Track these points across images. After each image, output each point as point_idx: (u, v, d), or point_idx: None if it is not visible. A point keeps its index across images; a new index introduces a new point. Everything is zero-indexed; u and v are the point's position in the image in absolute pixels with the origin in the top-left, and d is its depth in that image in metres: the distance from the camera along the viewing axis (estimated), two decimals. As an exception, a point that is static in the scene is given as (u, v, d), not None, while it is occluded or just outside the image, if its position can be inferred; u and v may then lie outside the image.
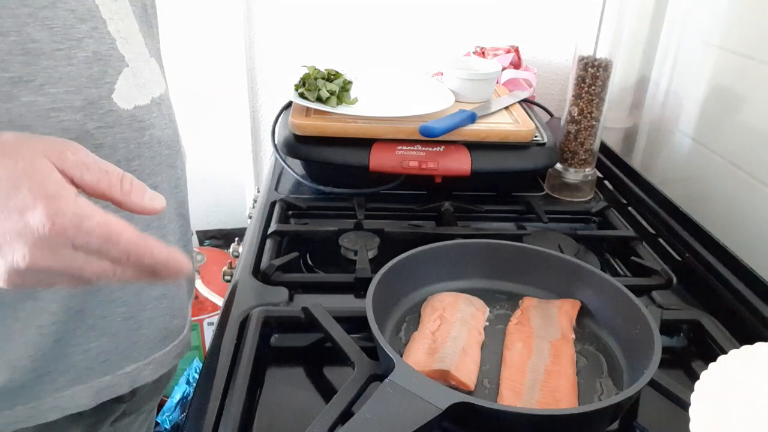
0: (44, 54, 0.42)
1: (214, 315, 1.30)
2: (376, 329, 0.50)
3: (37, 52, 0.41)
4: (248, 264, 0.71)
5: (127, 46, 0.48)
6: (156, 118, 0.51)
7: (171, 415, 1.24)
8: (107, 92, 0.46)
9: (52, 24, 0.42)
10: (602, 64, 0.87)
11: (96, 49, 0.45)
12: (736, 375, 0.41)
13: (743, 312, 0.66)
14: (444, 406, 0.43)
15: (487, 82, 0.99)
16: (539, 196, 0.95)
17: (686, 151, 0.95)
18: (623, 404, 0.47)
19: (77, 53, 0.43)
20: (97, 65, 0.45)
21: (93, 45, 0.45)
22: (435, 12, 1.23)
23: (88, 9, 0.44)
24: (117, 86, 0.47)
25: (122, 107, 0.47)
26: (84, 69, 0.44)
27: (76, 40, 0.43)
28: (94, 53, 0.45)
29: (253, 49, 1.26)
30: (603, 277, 0.61)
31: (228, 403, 0.50)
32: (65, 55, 0.43)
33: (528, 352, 0.56)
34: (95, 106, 0.45)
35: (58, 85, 0.42)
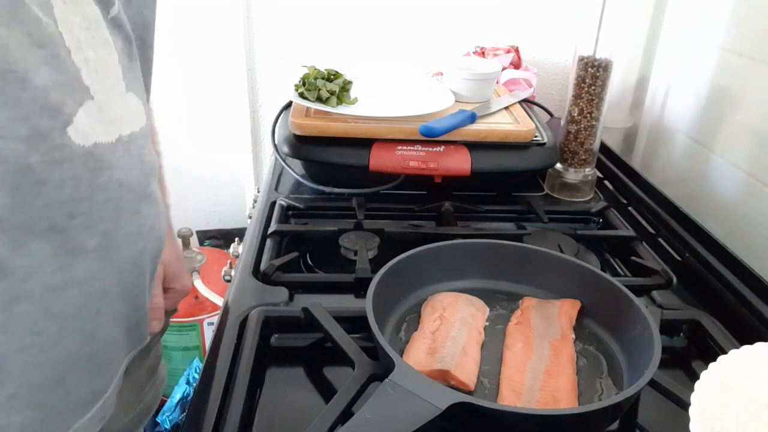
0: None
1: (213, 315, 1.30)
2: (376, 329, 0.50)
3: None
4: (248, 264, 0.71)
5: (95, 77, 0.44)
6: (120, 159, 0.46)
7: (171, 415, 1.24)
8: (61, 124, 0.41)
9: (7, 43, 0.38)
10: (602, 64, 0.87)
11: (55, 77, 0.40)
12: (736, 375, 0.41)
13: (743, 312, 0.66)
14: (444, 406, 0.43)
15: (487, 82, 0.99)
16: (539, 196, 0.95)
17: (686, 152, 0.95)
18: (623, 404, 0.47)
19: (33, 78, 0.39)
20: (55, 94, 0.40)
21: (50, 73, 0.40)
22: (435, 12, 1.23)
23: (49, 35, 0.40)
24: (76, 119, 0.42)
25: (77, 143, 0.42)
26: (39, 96, 0.40)
27: (32, 64, 0.39)
28: (53, 82, 0.40)
29: (253, 49, 1.26)
30: (603, 277, 0.61)
31: (228, 403, 0.50)
32: (19, 78, 0.38)
33: (528, 352, 0.56)
34: (43, 138, 0.40)
35: (3, 111, 0.38)
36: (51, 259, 0.42)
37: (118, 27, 0.47)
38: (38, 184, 0.40)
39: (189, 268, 1.33)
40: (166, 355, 1.33)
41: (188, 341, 1.32)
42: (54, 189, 0.41)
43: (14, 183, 0.39)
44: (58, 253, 0.42)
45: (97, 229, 0.45)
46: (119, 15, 0.47)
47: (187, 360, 1.32)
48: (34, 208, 0.40)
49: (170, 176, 1.50)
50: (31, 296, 0.42)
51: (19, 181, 0.39)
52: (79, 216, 0.43)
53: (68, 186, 0.42)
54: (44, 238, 0.41)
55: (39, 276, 0.42)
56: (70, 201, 0.42)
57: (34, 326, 0.43)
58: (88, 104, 0.43)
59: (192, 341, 1.32)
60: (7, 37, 0.38)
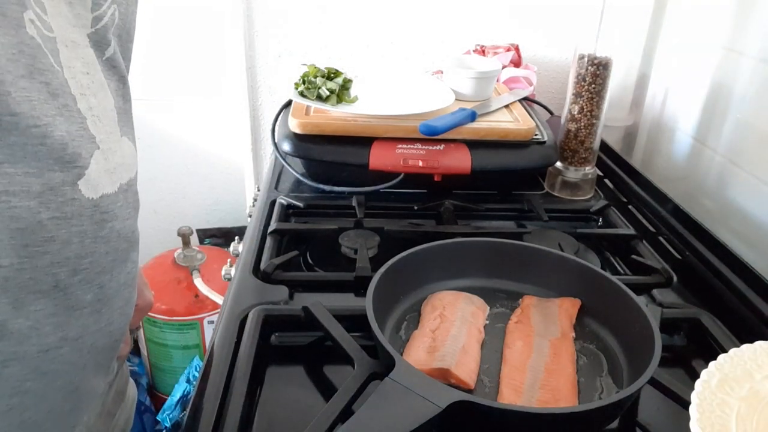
0: (17, 130, 0.36)
1: (214, 314, 1.30)
2: (376, 327, 0.50)
3: (9, 126, 0.36)
4: (248, 262, 0.71)
5: (98, 125, 0.42)
6: (120, 209, 0.45)
7: (171, 413, 1.24)
8: (73, 178, 0.40)
9: (31, 97, 0.36)
10: (602, 63, 0.87)
11: (68, 128, 0.39)
12: (736, 373, 0.41)
13: (743, 310, 0.66)
14: (444, 405, 0.43)
15: (488, 81, 0.99)
16: (539, 194, 0.95)
17: (687, 150, 0.95)
18: (623, 403, 0.47)
19: (53, 132, 0.38)
20: (71, 147, 0.39)
21: (65, 124, 0.39)
22: (435, 10, 1.23)
23: (60, 83, 0.39)
24: (88, 171, 0.41)
25: (87, 196, 0.41)
26: (57, 150, 0.38)
27: (51, 116, 0.38)
28: (68, 133, 0.39)
29: (253, 47, 1.26)
30: (603, 276, 0.61)
31: (228, 402, 0.50)
32: (41, 133, 0.37)
33: (528, 350, 0.56)
34: (55, 193, 0.39)
35: (18, 166, 0.36)
36: (50, 318, 0.41)
37: (113, 68, 0.45)
38: (47, 241, 0.39)
39: (189, 266, 1.33)
40: (167, 354, 1.33)
41: (188, 340, 1.32)
42: (61, 246, 0.40)
43: (24, 242, 0.37)
44: (58, 311, 0.41)
45: (95, 283, 0.43)
46: (114, 55, 0.45)
47: (188, 358, 1.32)
48: (40, 267, 0.39)
49: (171, 175, 1.51)
50: (25, 357, 0.40)
51: (29, 240, 0.38)
52: (81, 272, 0.42)
53: (75, 242, 0.41)
54: (46, 298, 0.40)
55: (36, 336, 0.40)
56: (75, 257, 0.41)
57: (22, 386, 0.41)
58: (96, 154, 0.42)
59: (192, 340, 1.32)
60: (29, 90, 0.36)
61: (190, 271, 1.32)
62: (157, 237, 1.42)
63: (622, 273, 0.78)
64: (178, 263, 1.34)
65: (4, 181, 0.36)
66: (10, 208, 0.37)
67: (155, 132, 1.37)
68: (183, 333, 1.31)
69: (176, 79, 1.33)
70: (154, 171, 1.38)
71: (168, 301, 1.28)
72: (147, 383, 1.41)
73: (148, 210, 0.57)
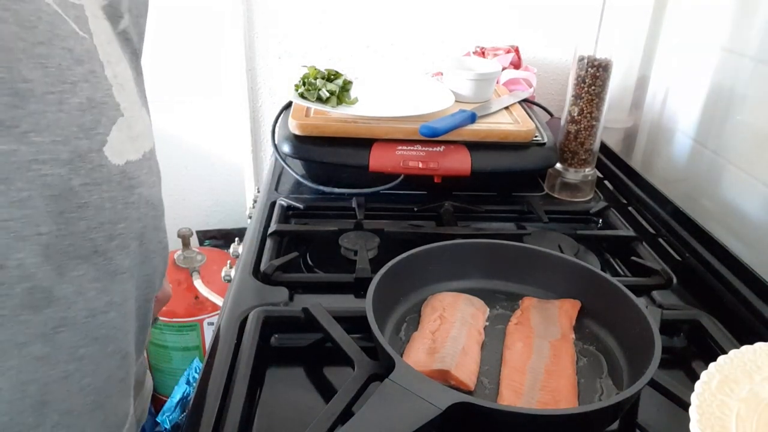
0: (34, 97, 0.37)
1: (213, 315, 1.30)
2: (376, 329, 0.50)
3: (26, 93, 0.36)
4: (248, 264, 0.71)
5: (123, 93, 0.44)
6: (146, 176, 0.46)
7: (171, 415, 1.24)
8: (98, 144, 0.41)
9: (48, 63, 0.37)
10: (602, 64, 0.87)
11: (91, 95, 0.40)
12: (736, 375, 0.41)
13: (743, 312, 0.66)
14: (444, 406, 0.43)
15: (487, 82, 0.99)
16: (539, 196, 0.95)
17: (686, 152, 0.95)
18: (623, 404, 0.47)
19: (70, 98, 0.38)
20: (91, 113, 0.40)
21: (88, 90, 0.40)
22: (435, 12, 1.23)
23: (87, 50, 0.40)
24: (110, 138, 0.41)
25: (113, 162, 0.42)
26: (76, 116, 0.39)
27: (70, 83, 0.38)
28: (89, 99, 0.40)
29: (253, 49, 1.26)
30: (603, 277, 0.61)
31: (228, 403, 0.50)
32: (57, 99, 0.38)
33: (528, 351, 0.56)
34: (84, 160, 0.40)
35: (44, 134, 0.37)
36: (94, 283, 0.42)
37: (126, 41, 0.46)
38: (81, 207, 0.40)
39: (189, 268, 1.33)
40: (167, 355, 1.33)
41: (188, 341, 1.32)
42: (95, 211, 0.41)
43: (59, 209, 0.38)
44: (100, 276, 0.42)
45: (131, 249, 0.45)
46: (127, 29, 0.46)
47: (187, 360, 1.32)
48: (78, 233, 0.40)
49: (171, 176, 1.51)
50: (74, 322, 0.41)
51: (64, 207, 0.38)
52: (117, 237, 0.43)
53: (107, 207, 0.42)
54: (87, 262, 0.41)
55: (83, 301, 0.41)
56: (109, 223, 0.42)
57: (76, 352, 0.42)
58: (120, 122, 0.42)
59: (192, 341, 1.32)
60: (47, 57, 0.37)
61: (189, 272, 1.32)
62: (157, 238, 1.41)
63: (622, 274, 0.78)
64: (178, 264, 1.34)
65: (33, 149, 0.37)
66: (41, 176, 0.37)
67: (155, 133, 1.36)
68: (183, 334, 1.31)
69: (176, 80, 1.33)
70: (154, 172, 1.38)
71: (168, 303, 1.28)
72: (147, 384, 1.41)
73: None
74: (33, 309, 0.39)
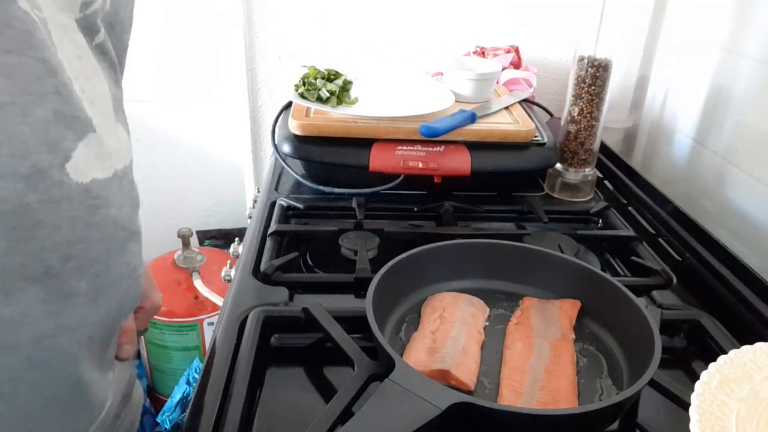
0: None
1: (213, 315, 1.30)
2: (376, 329, 0.50)
3: None
4: (248, 264, 0.71)
5: (93, 108, 0.41)
6: (115, 196, 0.44)
7: (171, 415, 1.23)
8: (61, 160, 0.38)
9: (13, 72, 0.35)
10: (602, 64, 0.87)
11: (58, 107, 0.38)
12: (736, 375, 0.41)
13: (743, 312, 0.66)
14: (444, 406, 0.43)
15: (487, 82, 0.99)
16: (539, 196, 0.95)
17: (686, 151, 0.95)
18: (623, 404, 0.47)
19: (34, 110, 0.36)
20: (56, 127, 0.38)
21: (56, 102, 0.38)
22: (435, 12, 1.23)
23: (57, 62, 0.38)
24: (75, 154, 0.39)
25: (75, 180, 0.39)
26: (39, 130, 0.37)
27: (37, 95, 0.36)
28: (55, 113, 0.37)
29: (253, 49, 1.26)
30: (603, 277, 0.61)
31: (228, 403, 0.50)
32: (20, 111, 0.35)
33: (528, 351, 0.56)
34: (43, 176, 0.37)
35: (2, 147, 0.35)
36: (41, 305, 0.39)
37: (103, 54, 0.44)
38: (35, 225, 0.38)
39: (189, 268, 1.33)
40: (167, 355, 1.33)
41: (188, 341, 1.32)
42: (51, 230, 0.39)
43: (11, 225, 0.36)
44: (50, 299, 0.40)
45: (89, 272, 0.42)
46: (104, 42, 0.44)
47: (187, 360, 1.31)
48: (30, 252, 0.38)
49: (170, 176, 1.51)
50: (17, 346, 0.39)
51: (16, 223, 0.37)
52: (73, 258, 0.40)
53: (65, 227, 0.39)
54: (37, 284, 0.39)
55: (28, 325, 0.39)
56: (66, 243, 0.40)
57: (15, 375, 0.40)
58: (90, 137, 0.40)
59: (192, 341, 1.32)
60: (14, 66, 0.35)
61: (189, 272, 1.32)
62: (157, 238, 1.41)
63: (622, 274, 0.78)
64: (178, 265, 1.34)
65: None
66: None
67: (155, 133, 1.37)
68: (183, 334, 1.31)
69: (176, 80, 1.33)
70: (153, 172, 1.38)
71: (168, 303, 1.28)
72: (147, 385, 1.41)
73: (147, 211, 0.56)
74: None
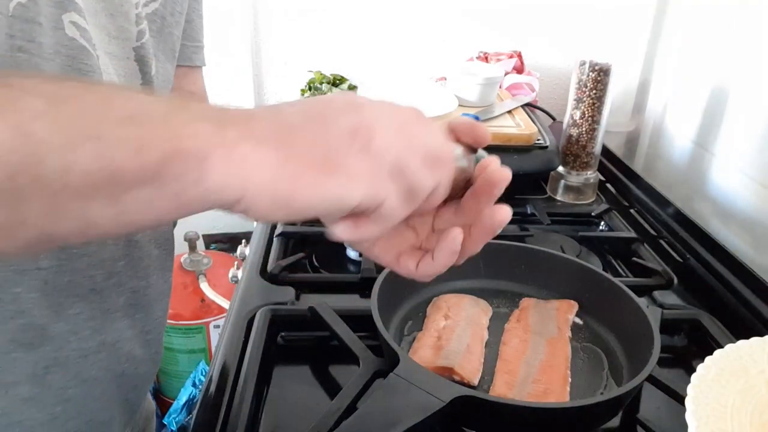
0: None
1: (219, 318, 1.31)
2: (381, 326, 0.51)
3: None
4: (255, 264, 0.72)
5: None
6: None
7: (177, 417, 1.24)
8: None
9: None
10: (603, 69, 0.88)
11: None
12: (731, 368, 0.42)
13: (743, 311, 0.67)
14: (447, 399, 0.44)
15: (490, 87, 1.00)
16: (542, 198, 0.96)
17: (688, 154, 0.96)
18: (623, 399, 0.48)
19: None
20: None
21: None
22: (439, 18, 1.25)
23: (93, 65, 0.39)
24: None
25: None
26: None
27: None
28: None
29: (260, 54, 1.28)
30: (604, 277, 0.62)
31: (236, 400, 0.51)
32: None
33: (524, 348, 0.57)
34: None
35: None
36: (88, 322, 0.41)
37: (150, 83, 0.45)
38: (84, 243, 0.39)
39: (195, 271, 1.34)
40: (173, 358, 1.34)
41: (194, 344, 1.33)
42: (97, 248, 0.40)
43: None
44: (95, 315, 0.41)
45: (127, 287, 0.44)
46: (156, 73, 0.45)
47: (193, 363, 1.33)
48: (78, 270, 0.39)
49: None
50: (66, 363, 0.40)
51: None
52: (115, 275, 0.42)
53: (109, 244, 0.41)
54: (84, 301, 0.40)
55: (76, 341, 0.40)
56: (110, 260, 0.41)
57: (65, 393, 0.41)
58: None
59: (198, 344, 1.33)
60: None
61: (196, 275, 1.33)
62: (164, 242, 1.42)
63: (624, 275, 0.78)
64: (185, 268, 1.35)
65: None
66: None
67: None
68: (189, 337, 1.32)
69: (183, 86, 1.35)
70: (161, 177, 1.40)
71: (174, 306, 1.29)
72: (153, 387, 1.42)
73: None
74: (25, 347, 0.38)
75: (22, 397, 0.39)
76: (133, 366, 0.47)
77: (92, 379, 0.43)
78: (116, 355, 0.44)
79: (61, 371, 0.40)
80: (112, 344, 0.43)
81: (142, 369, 0.48)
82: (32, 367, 0.39)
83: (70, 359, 0.40)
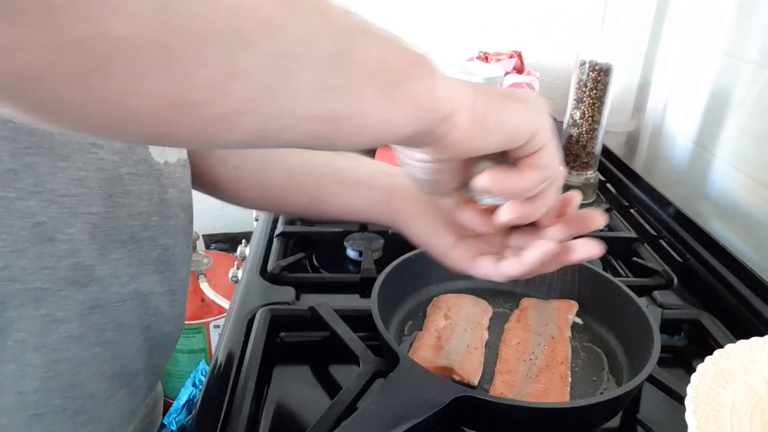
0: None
1: (219, 318, 1.32)
2: (381, 326, 0.51)
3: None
4: (256, 264, 0.72)
5: None
6: (179, 180, 0.49)
7: (177, 417, 1.25)
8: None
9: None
10: (603, 68, 0.88)
11: None
12: (731, 367, 0.42)
13: (743, 311, 0.67)
14: (447, 400, 0.44)
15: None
16: (542, 198, 0.96)
17: (688, 154, 0.96)
18: (623, 398, 0.48)
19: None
20: None
21: None
22: (438, 17, 1.25)
23: None
24: None
25: (155, 159, 0.45)
26: None
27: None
28: None
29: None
30: (604, 277, 0.62)
31: (236, 400, 0.51)
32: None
33: (524, 347, 0.57)
34: (132, 151, 0.43)
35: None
36: (127, 268, 0.44)
37: None
38: (126, 194, 0.42)
39: (196, 271, 1.34)
40: (173, 358, 1.34)
41: (194, 344, 1.33)
42: (136, 200, 0.43)
43: (109, 192, 0.41)
44: (132, 263, 0.44)
45: (159, 243, 0.47)
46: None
47: (194, 363, 1.33)
48: (120, 217, 0.42)
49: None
50: (107, 305, 0.43)
51: (113, 191, 0.41)
52: (150, 228, 0.45)
53: (145, 198, 0.44)
54: (124, 248, 0.43)
55: (116, 285, 0.43)
56: (146, 213, 0.45)
57: (104, 335, 0.44)
58: None
59: (198, 344, 1.33)
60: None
61: (196, 275, 1.34)
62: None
63: (624, 275, 0.78)
64: (185, 268, 1.35)
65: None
66: (98, 159, 0.40)
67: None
68: (189, 337, 1.32)
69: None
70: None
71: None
72: (153, 387, 1.42)
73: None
74: (75, 285, 0.41)
75: (70, 334, 0.42)
76: (160, 323, 0.50)
77: (127, 325, 0.46)
78: (146, 306, 0.47)
79: (102, 312, 0.43)
80: (144, 294, 0.46)
81: (166, 328, 0.51)
82: (80, 305, 0.41)
83: (110, 302, 0.43)
